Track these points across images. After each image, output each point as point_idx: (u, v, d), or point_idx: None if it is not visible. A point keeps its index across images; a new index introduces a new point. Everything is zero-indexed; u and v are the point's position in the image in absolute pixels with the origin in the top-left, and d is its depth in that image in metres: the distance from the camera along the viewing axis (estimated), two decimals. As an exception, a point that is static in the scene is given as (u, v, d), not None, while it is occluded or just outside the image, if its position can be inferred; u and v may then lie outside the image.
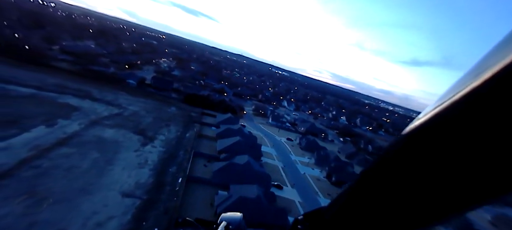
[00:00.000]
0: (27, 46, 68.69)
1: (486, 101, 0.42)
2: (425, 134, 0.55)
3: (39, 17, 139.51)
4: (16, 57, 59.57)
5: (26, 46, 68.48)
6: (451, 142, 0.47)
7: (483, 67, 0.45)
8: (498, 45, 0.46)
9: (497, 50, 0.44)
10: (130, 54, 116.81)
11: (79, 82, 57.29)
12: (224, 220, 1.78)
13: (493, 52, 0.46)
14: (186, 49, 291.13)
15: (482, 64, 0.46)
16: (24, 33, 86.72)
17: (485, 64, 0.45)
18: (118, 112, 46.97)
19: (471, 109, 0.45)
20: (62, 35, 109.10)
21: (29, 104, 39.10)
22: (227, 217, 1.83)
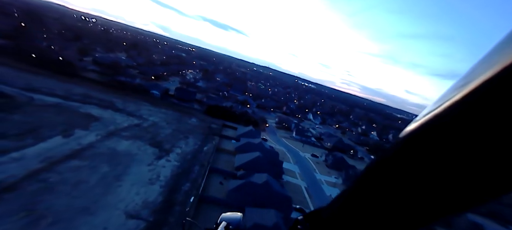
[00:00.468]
0: (61, 58, 72.20)
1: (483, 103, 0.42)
2: (422, 136, 0.55)
3: (79, 31, 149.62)
4: (49, 68, 62.38)
5: (60, 58, 72.00)
6: (448, 143, 0.47)
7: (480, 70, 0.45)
8: (495, 48, 0.45)
9: (494, 53, 0.44)
10: (159, 66, 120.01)
11: (104, 92, 58.23)
12: (224, 220, 1.79)
13: (490, 55, 0.45)
14: (213, 62, 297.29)
15: (480, 67, 0.46)
16: (61, 46, 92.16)
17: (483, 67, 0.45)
18: (138, 123, 46.26)
19: (467, 111, 0.45)
20: (96, 47, 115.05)
21: (51, 113, 39.41)
22: (227, 217, 1.84)
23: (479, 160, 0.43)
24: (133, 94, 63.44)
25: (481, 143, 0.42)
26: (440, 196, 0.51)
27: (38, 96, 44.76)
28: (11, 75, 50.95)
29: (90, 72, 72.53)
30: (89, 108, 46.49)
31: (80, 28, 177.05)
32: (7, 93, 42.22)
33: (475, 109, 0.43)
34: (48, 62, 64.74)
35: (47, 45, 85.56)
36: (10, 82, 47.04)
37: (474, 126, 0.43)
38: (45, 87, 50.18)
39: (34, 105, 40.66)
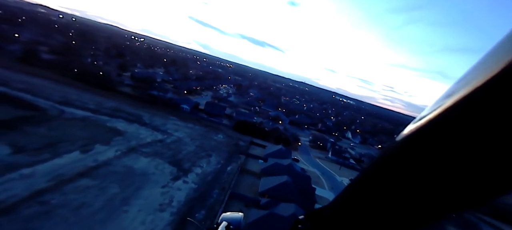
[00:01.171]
0: (101, 73, 75.45)
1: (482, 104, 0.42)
2: (422, 136, 0.55)
3: (124, 48, 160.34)
4: (88, 82, 64.99)
5: (100, 73, 75.27)
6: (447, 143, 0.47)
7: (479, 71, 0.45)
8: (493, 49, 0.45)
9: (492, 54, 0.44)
10: (193, 81, 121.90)
11: (134, 106, 58.35)
12: (224, 220, 1.76)
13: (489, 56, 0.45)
14: (248, 77, 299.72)
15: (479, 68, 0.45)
16: (104, 62, 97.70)
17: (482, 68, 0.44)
18: (161, 139, 44.38)
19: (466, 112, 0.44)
20: (137, 63, 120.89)
21: (77, 127, 39.08)
22: (227, 217, 1.82)
23: (478, 160, 0.43)
24: (163, 108, 63.00)
25: (480, 144, 0.42)
26: (440, 196, 0.51)
27: (69, 110, 45.41)
28: (50, 88, 53.24)
29: (125, 86, 74.53)
30: (116, 122, 45.99)
31: (126, 46, 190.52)
32: (40, 106, 43.36)
33: (474, 110, 0.43)
34: (88, 76, 67.62)
35: (91, 61, 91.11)
36: (47, 95, 48.79)
37: (473, 126, 0.43)
38: (79, 100, 51.35)
39: (62, 119, 40.91)
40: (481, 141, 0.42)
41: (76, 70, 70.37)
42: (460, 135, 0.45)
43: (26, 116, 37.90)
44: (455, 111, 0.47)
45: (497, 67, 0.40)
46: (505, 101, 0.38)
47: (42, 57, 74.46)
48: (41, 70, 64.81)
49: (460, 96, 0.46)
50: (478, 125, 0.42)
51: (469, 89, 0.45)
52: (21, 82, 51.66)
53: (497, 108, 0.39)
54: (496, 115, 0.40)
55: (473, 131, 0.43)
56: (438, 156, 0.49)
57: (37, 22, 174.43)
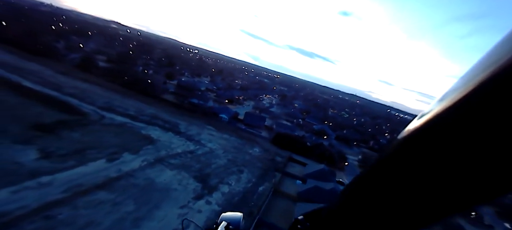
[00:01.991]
0: (149, 80, 78.19)
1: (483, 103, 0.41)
2: (422, 136, 0.54)
3: (176, 59, 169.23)
4: (135, 89, 67.29)
5: (148, 80, 78.03)
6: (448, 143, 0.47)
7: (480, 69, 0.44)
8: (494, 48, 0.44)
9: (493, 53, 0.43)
10: (237, 90, 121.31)
11: (174, 114, 57.85)
12: (224, 220, 1.76)
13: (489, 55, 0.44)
14: (295, 87, 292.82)
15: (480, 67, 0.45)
16: (154, 70, 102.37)
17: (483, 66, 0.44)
18: (192, 150, 41.92)
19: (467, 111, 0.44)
20: (185, 72, 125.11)
21: (111, 133, 38.71)
22: (227, 216, 1.82)
23: (479, 160, 0.43)
24: (201, 117, 61.63)
25: (481, 143, 0.42)
26: (440, 196, 0.50)
27: (110, 115, 46.03)
28: (98, 94, 55.54)
29: (169, 94, 75.80)
30: (151, 130, 45.17)
31: (179, 56, 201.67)
32: (83, 110, 44.60)
33: (475, 109, 0.43)
34: (135, 84, 70.19)
35: (142, 69, 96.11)
36: (92, 101, 50.61)
37: (474, 126, 0.42)
38: (122, 106, 52.34)
39: (100, 124, 41.17)
40: (481, 140, 0.42)
41: (126, 77, 73.91)
42: (460, 135, 0.45)
43: (67, 120, 38.78)
44: (454, 111, 0.47)
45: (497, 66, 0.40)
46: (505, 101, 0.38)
47: (98, 65, 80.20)
48: (94, 77, 69.22)
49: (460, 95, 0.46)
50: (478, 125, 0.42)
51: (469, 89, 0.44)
52: (72, 88, 54.90)
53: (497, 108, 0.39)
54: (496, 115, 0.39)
55: (473, 130, 0.42)
56: (438, 156, 0.49)
57: (105, 35, 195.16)
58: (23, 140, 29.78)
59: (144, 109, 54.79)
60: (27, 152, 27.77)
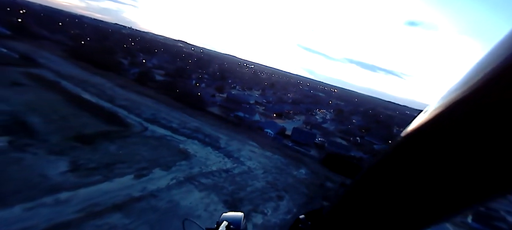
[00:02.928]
0: (198, 93, 78.84)
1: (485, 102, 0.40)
2: (423, 135, 0.53)
3: (230, 73, 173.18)
4: (184, 101, 67.80)
5: (198, 93, 78.71)
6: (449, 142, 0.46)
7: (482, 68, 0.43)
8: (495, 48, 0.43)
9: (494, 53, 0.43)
10: (288, 104, 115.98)
11: (217, 127, 55.52)
12: (225, 220, 1.74)
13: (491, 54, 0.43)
14: (354, 102, 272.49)
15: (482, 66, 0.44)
16: (207, 83, 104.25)
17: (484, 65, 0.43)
18: (229, 168, 37.96)
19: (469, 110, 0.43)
20: (236, 85, 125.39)
21: (148, 146, 37.39)
22: (228, 216, 1.80)
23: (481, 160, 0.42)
24: (245, 131, 58.04)
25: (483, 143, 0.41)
26: (441, 196, 0.50)
27: (152, 128, 45.54)
28: (147, 106, 56.65)
29: (216, 107, 74.73)
30: (190, 143, 42.99)
31: (233, 71, 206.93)
32: (128, 122, 44.92)
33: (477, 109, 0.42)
34: (185, 96, 70.95)
35: (195, 83, 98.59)
36: (140, 112, 51.36)
37: (476, 125, 0.42)
38: (166, 119, 52.02)
39: (140, 136, 40.47)
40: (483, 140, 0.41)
41: (177, 90, 75.68)
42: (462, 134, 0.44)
43: (109, 131, 38.91)
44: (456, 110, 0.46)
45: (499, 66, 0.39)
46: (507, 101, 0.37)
47: (155, 79, 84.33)
48: (149, 90, 72.25)
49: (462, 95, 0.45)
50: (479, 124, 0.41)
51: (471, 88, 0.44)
52: (125, 100, 57.16)
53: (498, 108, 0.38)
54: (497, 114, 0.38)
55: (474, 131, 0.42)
56: (439, 155, 0.48)
57: (170, 52, 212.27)
58: (59, 151, 29.67)
59: (188, 122, 53.64)
60: (57, 164, 27.22)
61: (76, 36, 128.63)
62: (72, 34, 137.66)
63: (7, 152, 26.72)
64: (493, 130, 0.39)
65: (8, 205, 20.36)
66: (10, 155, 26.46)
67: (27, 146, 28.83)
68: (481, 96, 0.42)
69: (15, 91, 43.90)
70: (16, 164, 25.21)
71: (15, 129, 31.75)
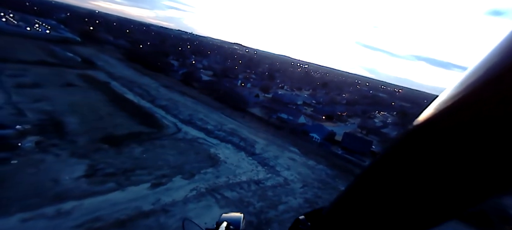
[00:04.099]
0: (241, 94, 75.70)
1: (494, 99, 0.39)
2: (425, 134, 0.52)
3: (280, 72, 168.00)
4: (225, 101, 65.25)
5: (240, 94, 75.62)
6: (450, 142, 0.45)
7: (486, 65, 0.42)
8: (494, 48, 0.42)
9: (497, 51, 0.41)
10: (341, 105, 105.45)
11: (255, 130, 51.00)
12: (225, 220, 1.74)
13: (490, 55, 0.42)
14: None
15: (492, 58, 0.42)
16: (253, 84, 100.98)
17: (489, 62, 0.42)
18: (261, 179, 32.87)
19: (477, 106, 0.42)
20: (284, 85, 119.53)
21: (176, 150, 34.75)
22: (228, 217, 1.80)
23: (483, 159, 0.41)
24: (287, 135, 52.22)
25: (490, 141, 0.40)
26: (443, 195, 0.48)
27: (186, 129, 43.25)
28: (186, 106, 55.21)
29: (259, 107, 70.37)
30: (222, 148, 39.27)
31: (284, 71, 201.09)
32: (163, 123, 43.39)
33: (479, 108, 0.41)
34: (228, 96, 68.44)
35: (241, 83, 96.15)
36: (177, 113, 49.90)
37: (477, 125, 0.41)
38: (203, 120, 49.55)
39: (171, 138, 38.24)
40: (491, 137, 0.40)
41: (220, 90, 73.75)
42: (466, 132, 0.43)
43: (141, 132, 37.53)
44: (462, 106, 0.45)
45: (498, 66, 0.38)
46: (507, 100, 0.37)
47: (200, 79, 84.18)
48: (192, 90, 71.76)
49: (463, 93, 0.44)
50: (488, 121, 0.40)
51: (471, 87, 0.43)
52: (166, 100, 56.73)
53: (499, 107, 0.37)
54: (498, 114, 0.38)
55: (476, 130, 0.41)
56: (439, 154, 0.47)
57: (222, 54, 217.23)
58: (82, 153, 28.52)
59: (225, 124, 50.31)
60: (75, 168, 25.78)
61: (136, 41, 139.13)
62: (133, 39, 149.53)
63: (30, 153, 26.30)
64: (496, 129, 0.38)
65: (6, 214, 18.83)
66: (32, 156, 25.93)
67: (52, 147, 28.35)
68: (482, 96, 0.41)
69: (65, 92, 46.23)
70: (33, 167, 24.36)
71: (48, 128, 32.03)
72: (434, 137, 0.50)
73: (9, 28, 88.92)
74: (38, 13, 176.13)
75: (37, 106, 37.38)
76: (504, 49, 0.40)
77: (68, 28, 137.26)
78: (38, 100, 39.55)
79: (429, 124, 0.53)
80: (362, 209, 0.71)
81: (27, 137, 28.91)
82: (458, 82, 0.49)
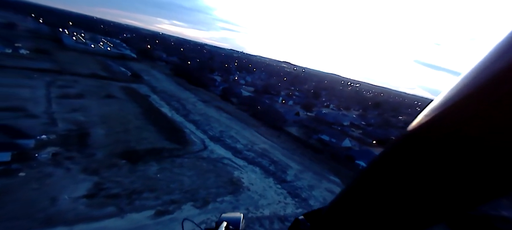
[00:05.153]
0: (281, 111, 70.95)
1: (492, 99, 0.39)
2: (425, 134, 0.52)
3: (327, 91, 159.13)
4: (262, 119, 61.26)
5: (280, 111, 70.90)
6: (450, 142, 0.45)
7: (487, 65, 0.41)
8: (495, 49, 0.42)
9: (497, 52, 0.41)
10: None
11: (290, 152, 45.41)
12: (224, 220, 1.71)
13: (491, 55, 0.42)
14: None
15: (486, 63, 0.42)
16: (295, 101, 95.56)
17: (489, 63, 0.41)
18: (288, 216, 27.22)
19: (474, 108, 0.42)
20: (330, 104, 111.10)
21: (195, 171, 31.39)
22: (227, 217, 1.76)
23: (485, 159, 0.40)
24: (328, 161, 45.38)
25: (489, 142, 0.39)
26: (442, 196, 0.49)
27: (213, 147, 39.98)
28: (219, 122, 52.52)
29: (299, 127, 64.46)
30: (248, 171, 34.76)
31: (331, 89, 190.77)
32: (189, 139, 40.88)
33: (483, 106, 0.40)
34: (265, 113, 64.44)
35: (282, 99, 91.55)
36: (208, 128, 47.33)
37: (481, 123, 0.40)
38: (234, 137, 45.99)
39: (193, 157, 35.18)
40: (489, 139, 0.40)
41: (258, 106, 70.21)
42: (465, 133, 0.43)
43: (164, 148, 35.29)
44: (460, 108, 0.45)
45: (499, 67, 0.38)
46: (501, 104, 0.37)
47: (240, 94, 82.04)
48: (229, 105, 69.53)
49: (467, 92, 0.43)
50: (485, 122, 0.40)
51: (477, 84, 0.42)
52: (200, 115, 54.94)
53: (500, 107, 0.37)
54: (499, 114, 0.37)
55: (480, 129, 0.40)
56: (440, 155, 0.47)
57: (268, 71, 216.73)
58: (94, 169, 26.76)
59: (256, 143, 45.92)
60: (79, 186, 23.82)
61: (186, 58, 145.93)
62: (185, 56, 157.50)
63: (43, 165, 25.31)
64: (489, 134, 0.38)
65: (-14, 236, 16.91)
66: (43, 169, 24.83)
67: (67, 160, 27.20)
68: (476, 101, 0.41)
69: (103, 103, 47.29)
70: (38, 181, 22.98)
71: (72, 140, 31.51)
72: (428, 141, 0.50)
73: (76, 45, 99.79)
74: (107, 33, 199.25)
75: (71, 116, 38.02)
76: (499, 54, 0.40)
77: (128, 46, 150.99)
78: (75, 110, 40.52)
79: (423, 128, 0.53)
80: (361, 210, 0.71)
81: (47, 147, 28.45)
82: (452, 87, 0.49)
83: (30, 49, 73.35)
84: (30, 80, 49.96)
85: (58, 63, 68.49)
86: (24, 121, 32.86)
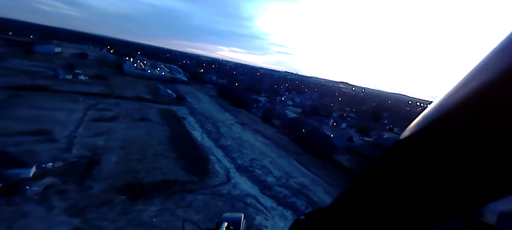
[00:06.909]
0: (331, 135, 60.90)
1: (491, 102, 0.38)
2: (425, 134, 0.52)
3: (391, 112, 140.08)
4: (306, 145, 52.67)
5: (330, 135, 60.89)
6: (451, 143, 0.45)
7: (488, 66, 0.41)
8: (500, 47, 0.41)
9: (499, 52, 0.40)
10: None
11: (337, 188, 35.63)
12: (225, 220, 1.70)
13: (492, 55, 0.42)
14: None
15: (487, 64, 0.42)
16: (349, 123, 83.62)
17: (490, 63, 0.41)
18: None
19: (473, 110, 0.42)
20: (394, 127, 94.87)
21: (204, 214, 24.88)
22: (228, 217, 1.77)
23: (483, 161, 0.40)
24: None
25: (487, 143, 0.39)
26: (443, 197, 0.48)
27: (238, 179, 33.26)
28: (254, 148, 45.97)
29: (352, 155, 53.36)
30: (274, 217, 26.82)
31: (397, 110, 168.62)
32: (211, 168, 34.99)
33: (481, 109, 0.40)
34: (310, 138, 55.52)
35: (333, 122, 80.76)
36: (238, 156, 41.06)
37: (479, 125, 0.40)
38: (265, 167, 38.59)
39: (208, 193, 28.89)
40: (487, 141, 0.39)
41: (303, 130, 61.54)
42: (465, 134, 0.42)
43: (176, 181, 29.90)
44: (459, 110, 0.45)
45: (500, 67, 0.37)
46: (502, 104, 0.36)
47: (285, 116, 74.65)
48: (269, 128, 62.58)
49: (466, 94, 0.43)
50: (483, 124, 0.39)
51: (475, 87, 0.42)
52: (233, 139, 49.25)
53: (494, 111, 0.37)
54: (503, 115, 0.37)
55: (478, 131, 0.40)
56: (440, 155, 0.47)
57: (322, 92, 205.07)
58: (80, 208, 22.35)
59: (293, 176, 37.52)
60: (53, 231, 19.35)
61: (234, 80, 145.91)
62: (234, 79, 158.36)
63: (25, 202, 21.80)
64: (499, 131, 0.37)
65: None
66: (23, 207, 21.20)
67: (57, 194, 23.44)
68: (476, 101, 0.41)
69: (132, 127, 45.22)
70: (5, 223, 19.17)
71: (77, 169, 28.32)
72: (428, 141, 0.50)
73: (133, 71, 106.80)
74: (168, 60, 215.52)
75: (92, 141, 35.87)
76: (500, 54, 0.40)
77: (183, 71, 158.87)
78: (99, 134, 38.62)
79: (423, 128, 0.53)
80: (362, 210, 0.71)
81: (45, 178, 25.38)
82: (452, 88, 0.49)
83: (89, 75, 79.36)
84: (73, 103, 51.46)
85: (109, 87, 71.90)
86: (40, 145, 31.33)
